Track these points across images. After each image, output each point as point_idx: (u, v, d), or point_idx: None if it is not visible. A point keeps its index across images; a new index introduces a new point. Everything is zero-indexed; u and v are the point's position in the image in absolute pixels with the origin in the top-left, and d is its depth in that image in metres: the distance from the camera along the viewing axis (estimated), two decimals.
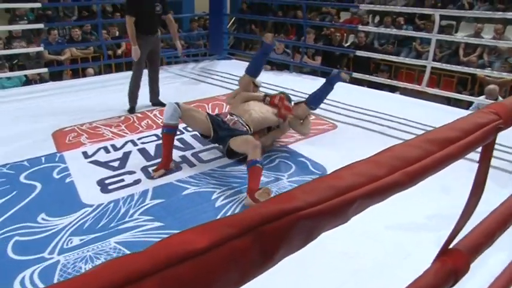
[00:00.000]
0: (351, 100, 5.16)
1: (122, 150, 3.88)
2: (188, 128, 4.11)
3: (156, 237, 2.58)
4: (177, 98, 5.19)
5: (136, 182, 3.29)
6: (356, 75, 6.17)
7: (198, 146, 3.91)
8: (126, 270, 0.40)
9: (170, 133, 3.40)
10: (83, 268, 2.32)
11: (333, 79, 3.87)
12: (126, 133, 4.29)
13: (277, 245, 0.45)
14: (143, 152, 3.82)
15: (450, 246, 0.94)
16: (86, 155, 3.77)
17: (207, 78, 6.63)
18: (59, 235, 2.61)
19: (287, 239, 0.47)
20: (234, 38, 11.51)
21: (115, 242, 2.54)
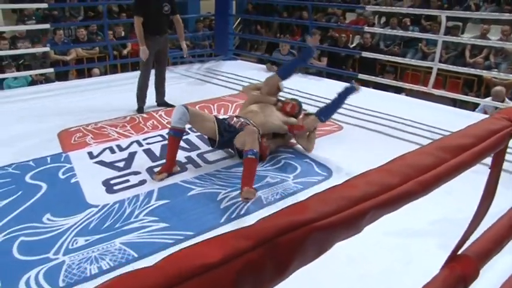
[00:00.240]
0: (357, 101, 5.11)
1: (128, 150, 3.88)
2: (194, 129, 4.10)
3: (161, 238, 2.58)
4: (182, 98, 5.21)
5: (142, 182, 3.29)
6: (362, 77, 6.15)
7: (203, 147, 3.90)
8: (139, 287, 0.38)
9: (176, 136, 3.38)
10: (88, 269, 2.32)
11: (346, 92, 3.75)
12: (131, 133, 4.29)
13: (291, 257, 0.44)
14: (148, 153, 3.82)
15: (459, 252, 0.93)
16: (91, 156, 3.77)
17: (213, 78, 6.63)
18: (64, 235, 2.61)
19: (301, 250, 0.46)
20: (239, 39, 11.51)
21: (120, 243, 2.54)
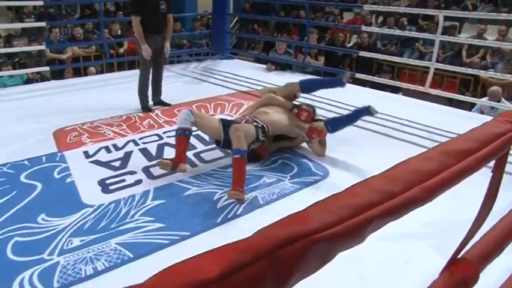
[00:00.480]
0: (353, 101, 5.11)
1: (124, 150, 3.85)
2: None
3: (157, 239, 2.56)
4: (179, 97, 5.20)
5: (138, 182, 3.27)
6: (359, 76, 6.14)
7: (200, 147, 3.88)
8: None
9: (184, 134, 3.32)
10: (83, 269, 2.29)
11: (361, 112, 3.72)
12: (127, 133, 4.26)
13: (292, 270, 0.42)
14: (145, 152, 3.80)
15: (459, 256, 0.91)
16: (87, 155, 3.75)
17: (209, 77, 6.60)
18: (59, 236, 2.58)
19: (303, 262, 0.44)
20: (236, 38, 11.48)
21: (116, 243, 2.52)
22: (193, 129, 3.40)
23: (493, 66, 7.56)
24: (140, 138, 4.10)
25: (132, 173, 3.41)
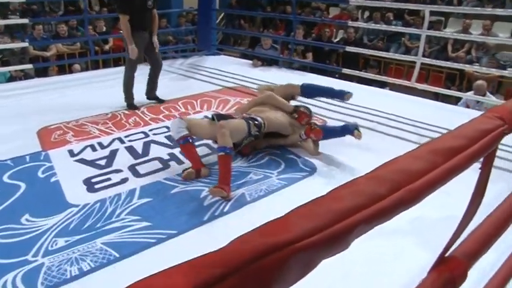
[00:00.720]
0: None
1: (109, 148, 3.80)
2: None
3: (143, 238, 2.53)
4: (165, 94, 5.15)
5: (124, 180, 3.23)
6: (345, 71, 6.15)
7: None
8: None
9: (187, 142, 3.24)
10: (68, 270, 2.26)
11: (345, 130, 3.63)
12: (113, 130, 4.21)
13: (270, 283, 0.40)
14: (131, 150, 3.75)
15: (447, 254, 0.90)
16: (72, 154, 3.69)
17: (196, 74, 6.56)
18: (44, 236, 2.54)
19: (281, 275, 0.41)
20: (223, 34, 11.42)
21: (101, 243, 2.48)
22: None
23: (478, 61, 7.62)
24: (126, 136, 4.05)
25: (118, 171, 3.37)
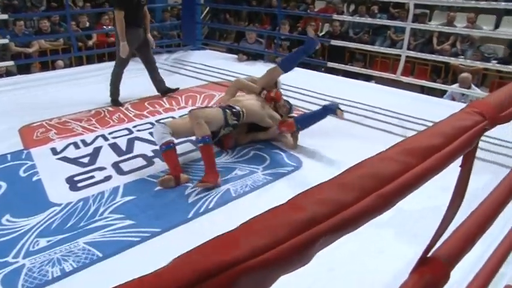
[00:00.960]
0: (326, 89, 5.11)
1: (92, 145, 3.75)
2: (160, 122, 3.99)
3: (127, 236, 2.50)
4: (149, 90, 5.08)
5: (107, 178, 3.18)
6: (331, 65, 6.13)
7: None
8: None
9: (169, 149, 3.12)
10: (49, 271, 2.22)
11: (327, 110, 3.63)
12: (96, 128, 4.15)
13: None
14: (114, 147, 3.70)
15: (429, 255, 0.87)
16: (54, 152, 3.63)
17: (180, 69, 6.50)
18: (25, 237, 2.49)
19: None
20: (208, 28, 11.34)
21: (84, 243, 2.44)
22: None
23: (463, 53, 7.66)
24: (110, 133, 4.00)
25: (101, 169, 3.32)
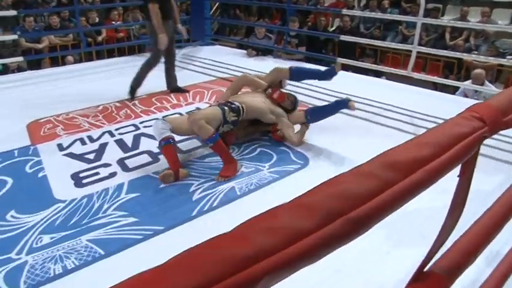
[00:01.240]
0: (336, 86, 5.03)
1: (99, 141, 3.74)
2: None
3: (130, 234, 2.48)
4: (157, 86, 5.07)
5: (112, 175, 3.17)
6: (341, 61, 6.05)
7: (176, 137, 3.76)
8: None
9: (168, 144, 3.10)
10: (51, 269, 2.21)
11: (340, 103, 3.61)
12: (103, 123, 4.15)
13: None
14: (120, 144, 3.69)
15: (426, 269, 0.80)
16: (61, 147, 3.63)
17: (189, 64, 6.47)
18: (29, 233, 2.49)
19: None
20: (218, 23, 11.28)
21: (87, 240, 2.43)
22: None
23: (477, 49, 7.51)
24: (116, 129, 3.99)
25: (106, 165, 3.31)
